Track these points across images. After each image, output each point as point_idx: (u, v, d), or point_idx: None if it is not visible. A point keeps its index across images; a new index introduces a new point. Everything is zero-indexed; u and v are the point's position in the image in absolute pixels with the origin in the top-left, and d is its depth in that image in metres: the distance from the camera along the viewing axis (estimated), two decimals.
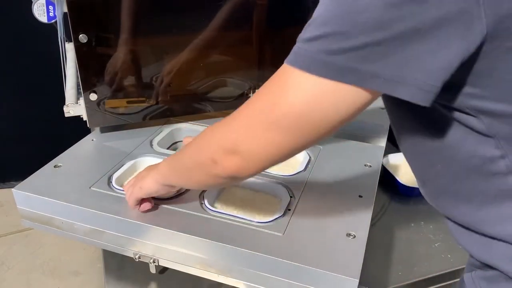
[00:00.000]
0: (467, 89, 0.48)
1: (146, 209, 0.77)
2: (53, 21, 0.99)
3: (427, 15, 0.43)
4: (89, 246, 1.69)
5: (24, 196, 0.83)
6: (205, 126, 1.10)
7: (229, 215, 0.79)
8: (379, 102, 1.30)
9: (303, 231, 0.75)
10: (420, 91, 0.45)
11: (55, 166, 0.91)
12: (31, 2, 0.97)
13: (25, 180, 0.86)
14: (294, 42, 0.51)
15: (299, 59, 0.49)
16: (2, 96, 2.05)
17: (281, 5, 1.05)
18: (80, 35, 0.91)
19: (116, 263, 0.94)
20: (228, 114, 1.22)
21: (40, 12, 0.97)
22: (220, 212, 0.79)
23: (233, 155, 0.56)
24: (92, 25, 0.92)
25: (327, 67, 0.47)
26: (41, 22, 0.99)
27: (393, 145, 1.17)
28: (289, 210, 0.81)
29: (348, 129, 1.12)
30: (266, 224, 0.77)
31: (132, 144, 1.00)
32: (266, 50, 1.08)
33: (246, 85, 1.11)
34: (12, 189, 0.83)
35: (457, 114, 0.51)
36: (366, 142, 1.07)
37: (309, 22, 0.49)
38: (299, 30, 0.50)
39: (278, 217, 0.79)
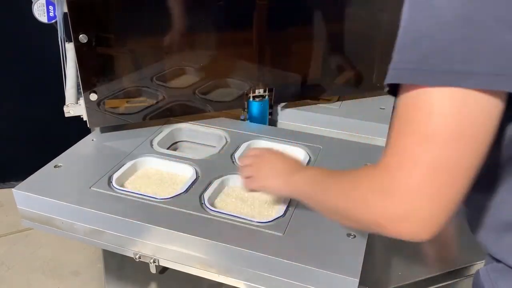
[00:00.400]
0: None
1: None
2: (53, 21, 1.00)
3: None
4: (89, 246, 1.69)
5: (24, 196, 0.83)
6: (205, 126, 1.10)
7: (229, 215, 0.79)
8: (379, 102, 1.30)
9: (303, 231, 0.75)
10: None
11: (55, 166, 0.91)
12: (31, 2, 0.97)
13: (25, 180, 0.86)
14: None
15: (397, 74, 0.47)
16: (2, 96, 2.05)
17: (281, 5, 1.04)
18: (80, 35, 0.91)
19: (116, 263, 0.94)
20: (228, 114, 1.22)
21: (40, 12, 0.97)
22: (220, 212, 0.79)
23: (403, 222, 0.48)
24: (92, 25, 0.92)
25: (428, 75, 0.44)
26: (41, 22, 0.99)
27: None
28: (289, 210, 0.81)
29: (348, 129, 1.12)
30: (266, 224, 0.77)
31: (132, 144, 1.00)
32: (266, 50, 1.08)
33: (246, 85, 1.11)
34: (12, 189, 0.83)
35: None
36: (366, 142, 1.07)
37: (398, 36, 0.48)
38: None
39: (278, 217, 0.79)
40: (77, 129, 1.07)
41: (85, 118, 1.01)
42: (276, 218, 0.78)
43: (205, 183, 0.88)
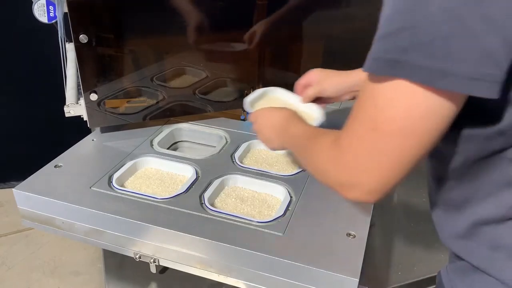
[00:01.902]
0: None
1: None
2: (53, 21, 1.00)
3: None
4: (89, 246, 1.69)
5: (25, 196, 0.83)
6: (205, 126, 1.10)
7: (229, 215, 0.79)
8: None
9: (303, 231, 0.75)
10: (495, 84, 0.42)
11: (55, 166, 0.91)
12: (32, 2, 0.97)
13: (25, 180, 0.86)
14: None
15: (372, 64, 0.47)
16: (2, 96, 2.05)
17: (281, 5, 1.04)
18: (81, 35, 0.91)
19: (116, 263, 0.94)
20: (228, 114, 1.22)
21: (40, 12, 0.97)
22: (220, 212, 0.80)
23: (351, 189, 0.54)
24: (92, 25, 0.92)
25: (397, 67, 0.44)
26: (41, 22, 0.99)
27: None
28: (289, 210, 0.81)
29: None
30: (266, 224, 0.77)
31: (132, 144, 1.00)
32: (266, 50, 1.08)
33: (246, 85, 1.11)
34: (13, 189, 0.83)
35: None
36: None
37: (380, 24, 0.48)
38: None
39: (278, 217, 0.79)
40: (77, 129, 1.07)
41: (85, 118, 1.01)
42: (276, 218, 0.78)
43: (205, 183, 0.88)
